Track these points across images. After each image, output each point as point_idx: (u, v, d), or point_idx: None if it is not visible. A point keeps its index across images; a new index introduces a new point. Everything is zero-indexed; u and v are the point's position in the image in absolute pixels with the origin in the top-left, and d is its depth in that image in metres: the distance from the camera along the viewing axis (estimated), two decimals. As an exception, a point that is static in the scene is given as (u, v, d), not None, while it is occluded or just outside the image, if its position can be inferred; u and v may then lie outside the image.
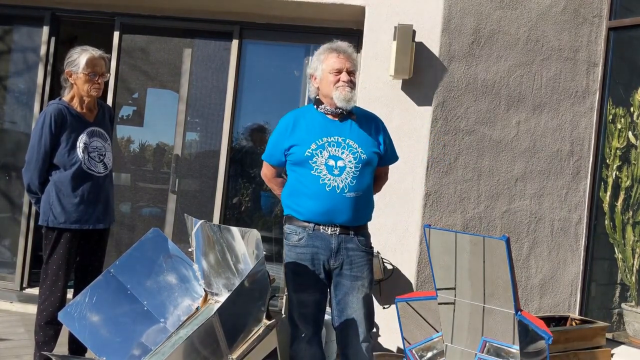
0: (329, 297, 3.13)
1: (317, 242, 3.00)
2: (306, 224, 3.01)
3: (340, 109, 3.03)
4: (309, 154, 2.98)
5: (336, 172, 2.95)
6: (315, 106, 3.12)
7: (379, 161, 3.12)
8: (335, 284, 3.05)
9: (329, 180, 2.95)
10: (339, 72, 3.01)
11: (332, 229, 2.99)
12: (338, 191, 2.95)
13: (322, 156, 2.97)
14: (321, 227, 2.99)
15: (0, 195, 5.49)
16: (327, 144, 2.99)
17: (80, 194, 3.34)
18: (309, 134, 3.02)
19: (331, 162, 2.96)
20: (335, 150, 2.98)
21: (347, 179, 2.96)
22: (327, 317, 3.30)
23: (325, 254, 3.00)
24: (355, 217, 3.01)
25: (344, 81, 2.99)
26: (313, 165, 2.97)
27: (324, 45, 3.15)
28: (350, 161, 2.97)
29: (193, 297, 2.95)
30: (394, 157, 3.26)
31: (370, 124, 3.13)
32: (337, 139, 3.00)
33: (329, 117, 3.07)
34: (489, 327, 2.70)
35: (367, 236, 3.12)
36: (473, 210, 4.44)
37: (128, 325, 2.81)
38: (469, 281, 2.71)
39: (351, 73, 3.04)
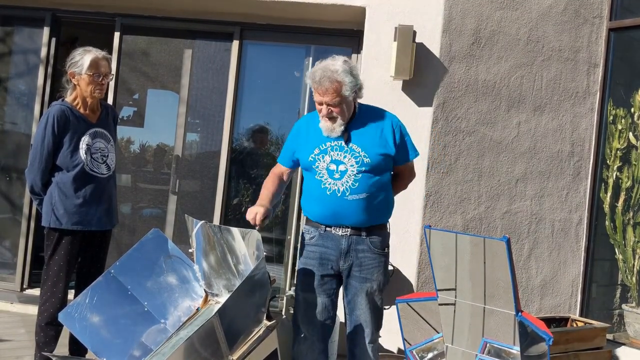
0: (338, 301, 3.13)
1: (328, 243, 3.01)
2: (318, 224, 3.04)
3: None
4: (312, 159, 2.99)
5: (337, 175, 2.94)
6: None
7: (392, 161, 3.04)
8: (346, 285, 3.06)
9: (329, 184, 2.95)
10: (320, 104, 2.94)
11: (343, 230, 2.99)
12: (339, 194, 2.93)
13: (323, 161, 2.97)
14: (332, 228, 3.00)
15: (0, 196, 5.49)
16: (329, 148, 2.98)
17: (82, 195, 3.33)
18: (314, 139, 3.03)
19: (332, 167, 2.95)
20: (337, 154, 2.96)
21: (347, 182, 2.93)
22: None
23: (335, 254, 3.00)
24: (366, 218, 2.98)
25: (323, 114, 2.93)
26: (316, 169, 2.99)
27: (311, 70, 2.99)
28: (352, 165, 2.94)
29: (193, 298, 2.95)
30: (411, 154, 3.11)
31: (378, 124, 3.04)
32: (340, 143, 2.98)
33: None
34: (490, 328, 2.69)
35: (383, 236, 3.06)
36: (473, 211, 4.43)
37: (128, 326, 2.80)
38: (470, 282, 2.71)
39: (332, 106, 2.89)
